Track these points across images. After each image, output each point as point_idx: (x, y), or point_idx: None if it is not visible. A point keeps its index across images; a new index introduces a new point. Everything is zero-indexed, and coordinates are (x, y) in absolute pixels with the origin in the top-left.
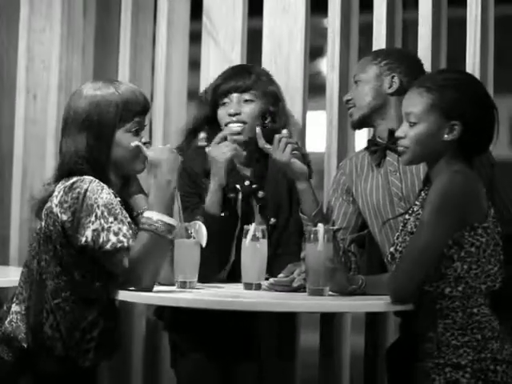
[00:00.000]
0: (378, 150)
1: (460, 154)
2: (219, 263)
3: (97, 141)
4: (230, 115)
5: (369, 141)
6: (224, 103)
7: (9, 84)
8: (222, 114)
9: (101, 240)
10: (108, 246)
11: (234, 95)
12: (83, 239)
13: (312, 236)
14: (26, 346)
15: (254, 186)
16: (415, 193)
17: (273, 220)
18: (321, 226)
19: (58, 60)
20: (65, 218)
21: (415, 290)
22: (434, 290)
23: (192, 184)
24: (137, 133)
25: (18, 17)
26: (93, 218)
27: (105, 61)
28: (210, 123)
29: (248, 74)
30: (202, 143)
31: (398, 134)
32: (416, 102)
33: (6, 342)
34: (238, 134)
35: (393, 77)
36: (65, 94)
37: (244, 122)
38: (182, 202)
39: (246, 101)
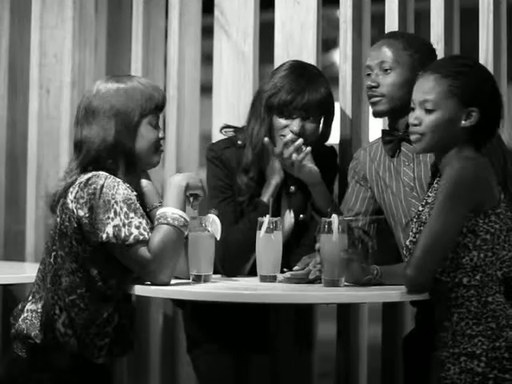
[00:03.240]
0: (394, 140)
1: (471, 140)
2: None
3: (125, 128)
4: (292, 132)
5: (383, 131)
6: (286, 116)
7: (22, 80)
8: (281, 124)
9: (123, 234)
10: (131, 239)
11: (300, 115)
12: (104, 236)
13: (326, 227)
14: (39, 342)
15: (288, 182)
16: (428, 183)
17: (302, 216)
18: (335, 217)
19: (71, 55)
20: (81, 213)
21: (430, 278)
22: (452, 280)
23: (230, 176)
24: (156, 127)
25: (30, 13)
26: (112, 215)
27: (117, 56)
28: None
29: (320, 94)
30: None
31: (412, 121)
32: (432, 89)
33: (20, 339)
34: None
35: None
36: (78, 89)
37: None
38: (216, 193)
39: (309, 119)
